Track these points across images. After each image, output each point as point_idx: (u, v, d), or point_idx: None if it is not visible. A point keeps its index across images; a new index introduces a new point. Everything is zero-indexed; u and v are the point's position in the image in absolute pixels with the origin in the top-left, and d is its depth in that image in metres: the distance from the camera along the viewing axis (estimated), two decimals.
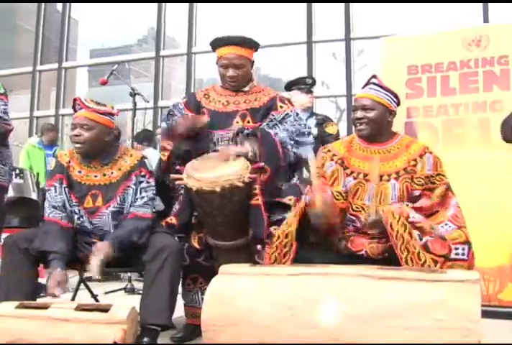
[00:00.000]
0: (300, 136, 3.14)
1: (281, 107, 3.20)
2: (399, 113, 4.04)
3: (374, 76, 2.88)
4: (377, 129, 2.79)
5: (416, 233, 2.48)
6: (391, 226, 2.51)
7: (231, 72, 3.17)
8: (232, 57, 3.15)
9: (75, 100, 3.06)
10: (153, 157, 5.13)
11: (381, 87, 2.82)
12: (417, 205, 2.63)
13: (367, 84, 2.87)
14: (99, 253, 2.77)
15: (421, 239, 2.47)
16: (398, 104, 2.89)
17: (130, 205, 3.02)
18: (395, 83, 4.13)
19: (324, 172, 2.84)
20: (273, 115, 3.17)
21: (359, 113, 2.78)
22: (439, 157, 2.77)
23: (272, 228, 2.93)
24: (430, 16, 8.33)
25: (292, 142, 3.09)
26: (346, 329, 2.01)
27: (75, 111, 3.06)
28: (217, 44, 3.21)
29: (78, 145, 3.02)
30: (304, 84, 5.02)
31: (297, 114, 3.23)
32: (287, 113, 3.17)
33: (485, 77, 4.01)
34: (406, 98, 4.12)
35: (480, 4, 8.03)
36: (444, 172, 2.73)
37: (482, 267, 3.43)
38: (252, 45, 3.23)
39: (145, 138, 6.76)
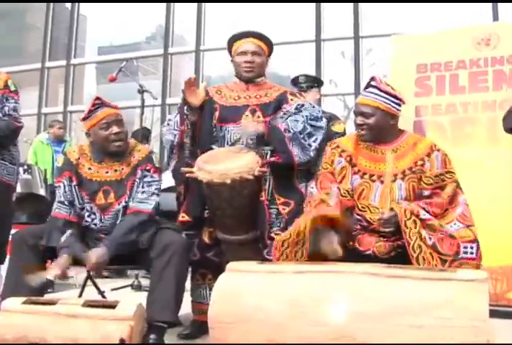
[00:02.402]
0: (314, 120, 3.13)
1: (292, 100, 3.22)
2: (408, 111, 4.07)
3: (373, 78, 2.82)
4: (378, 133, 2.77)
5: (424, 232, 2.47)
6: (405, 224, 2.51)
7: (249, 57, 3.21)
8: (252, 45, 3.23)
9: (97, 98, 3.04)
10: None
11: (380, 89, 2.75)
12: (427, 200, 2.63)
13: (366, 87, 2.83)
14: (92, 261, 2.76)
15: (429, 239, 2.47)
16: (401, 104, 2.81)
17: (132, 200, 3.03)
18: (405, 82, 4.14)
19: (334, 168, 2.83)
20: (285, 108, 3.18)
21: (359, 119, 2.78)
22: (447, 154, 2.76)
23: (272, 234, 2.98)
24: (438, 14, 8.30)
25: (308, 131, 3.08)
26: (355, 327, 2.00)
27: (90, 111, 3.02)
28: (237, 37, 3.28)
29: (121, 143, 3.02)
30: (297, 83, 5.00)
31: (310, 104, 3.24)
32: (300, 104, 3.18)
33: (495, 76, 3.99)
34: (415, 97, 4.12)
35: (489, 3, 7.99)
36: (453, 169, 2.72)
37: (490, 266, 3.42)
38: (268, 41, 3.30)
39: (143, 136, 6.69)
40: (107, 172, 3.05)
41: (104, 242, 2.87)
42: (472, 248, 2.47)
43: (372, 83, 2.79)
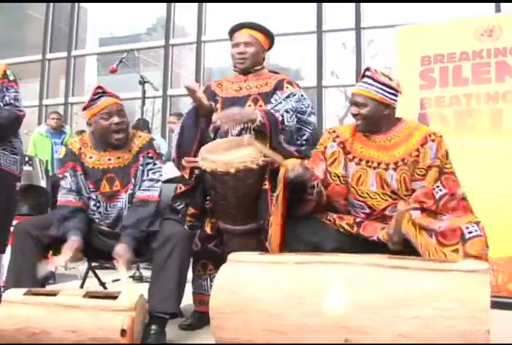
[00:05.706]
0: (302, 114, 3.13)
1: (287, 87, 3.22)
2: (413, 104, 4.07)
3: (367, 69, 2.80)
4: (372, 123, 2.75)
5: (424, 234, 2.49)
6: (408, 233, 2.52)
7: (240, 48, 3.23)
8: (243, 36, 3.24)
9: (99, 87, 3.03)
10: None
11: (374, 79, 2.72)
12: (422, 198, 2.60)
13: (361, 77, 2.80)
14: (122, 259, 2.78)
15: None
16: (397, 94, 2.76)
17: (138, 188, 3.03)
18: (410, 74, 4.15)
19: (325, 151, 2.84)
20: (277, 94, 3.19)
21: (353, 109, 2.76)
22: (444, 144, 2.70)
23: None
24: (440, 5, 8.26)
25: (297, 126, 3.08)
26: (354, 318, 2.00)
27: (91, 100, 3.02)
28: (233, 29, 3.30)
29: (122, 135, 3.01)
30: None
31: (302, 95, 3.22)
32: (292, 93, 3.18)
33: (498, 67, 3.98)
34: (420, 89, 4.12)
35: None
36: (447, 160, 2.67)
37: (492, 257, 3.40)
38: (265, 30, 3.29)
39: (144, 126, 6.64)
40: (109, 160, 3.06)
41: (122, 239, 2.85)
42: (473, 226, 2.44)
43: (367, 73, 2.77)
